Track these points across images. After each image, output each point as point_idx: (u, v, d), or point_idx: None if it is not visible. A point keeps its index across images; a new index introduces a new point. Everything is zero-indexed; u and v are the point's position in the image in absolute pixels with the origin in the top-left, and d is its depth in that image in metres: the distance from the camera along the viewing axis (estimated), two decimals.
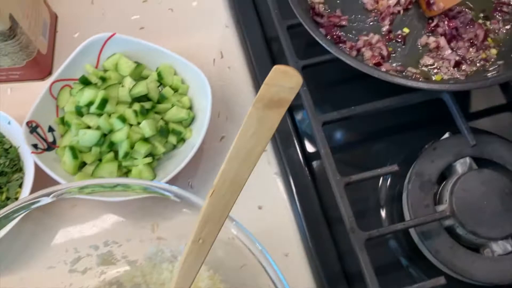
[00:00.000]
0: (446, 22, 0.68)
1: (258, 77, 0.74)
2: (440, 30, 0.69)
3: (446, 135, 0.68)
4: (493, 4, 0.71)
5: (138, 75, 0.68)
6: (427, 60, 0.67)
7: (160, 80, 0.68)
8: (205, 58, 0.76)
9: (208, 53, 0.77)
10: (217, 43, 0.78)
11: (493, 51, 0.68)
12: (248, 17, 0.78)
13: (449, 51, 0.67)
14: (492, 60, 0.67)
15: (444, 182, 0.65)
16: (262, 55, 0.75)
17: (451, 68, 0.66)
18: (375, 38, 0.68)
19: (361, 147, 0.71)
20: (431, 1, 0.68)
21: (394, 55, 0.68)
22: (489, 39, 0.69)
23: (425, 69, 0.67)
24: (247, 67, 0.76)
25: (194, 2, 0.81)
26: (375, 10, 0.71)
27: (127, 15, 0.79)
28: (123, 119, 0.62)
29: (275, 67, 0.39)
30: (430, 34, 0.69)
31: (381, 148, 0.70)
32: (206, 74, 0.75)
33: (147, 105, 0.65)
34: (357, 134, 0.71)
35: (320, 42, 0.61)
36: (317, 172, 0.68)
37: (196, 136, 0.65)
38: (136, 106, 0.64)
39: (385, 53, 0.67)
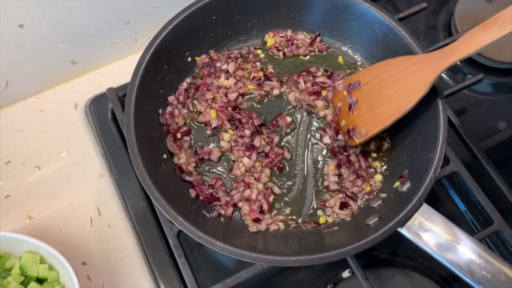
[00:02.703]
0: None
1: (139, 234, 0.68)
2: None
3: (347, 273, 0.65)
4: None
5: (1, 269, 0.62)
6: None
7: (24, 274, 0.61)
8: (82, 219, 0.70)
9: (84, 212, 0.70)
10: (93, 197, 0.71)
11: (378, 178, 0.63)
12: (121, 165, 0.71)
13: None
14: (377, 190, 0.63)
15: None
16: (139, 206, 0.69)
17: (337, 209, 0.61)
18: (254, 193, 0.62)
19: None
20: (350, 131, 0.62)
21: (276, 202, 0.63)
22: (376, 163, 0.64)
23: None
24: (128, 221, 0.70)
25: (63, 152, 0.74)
26: None
27: None
28: None
29: None
30: None
31: None
32: (84, 239, 0.69)
33: None
34: None
35: (182, 230, 0.55)
36: None
37: None
38: None
39: (266, 207, 0.61)
